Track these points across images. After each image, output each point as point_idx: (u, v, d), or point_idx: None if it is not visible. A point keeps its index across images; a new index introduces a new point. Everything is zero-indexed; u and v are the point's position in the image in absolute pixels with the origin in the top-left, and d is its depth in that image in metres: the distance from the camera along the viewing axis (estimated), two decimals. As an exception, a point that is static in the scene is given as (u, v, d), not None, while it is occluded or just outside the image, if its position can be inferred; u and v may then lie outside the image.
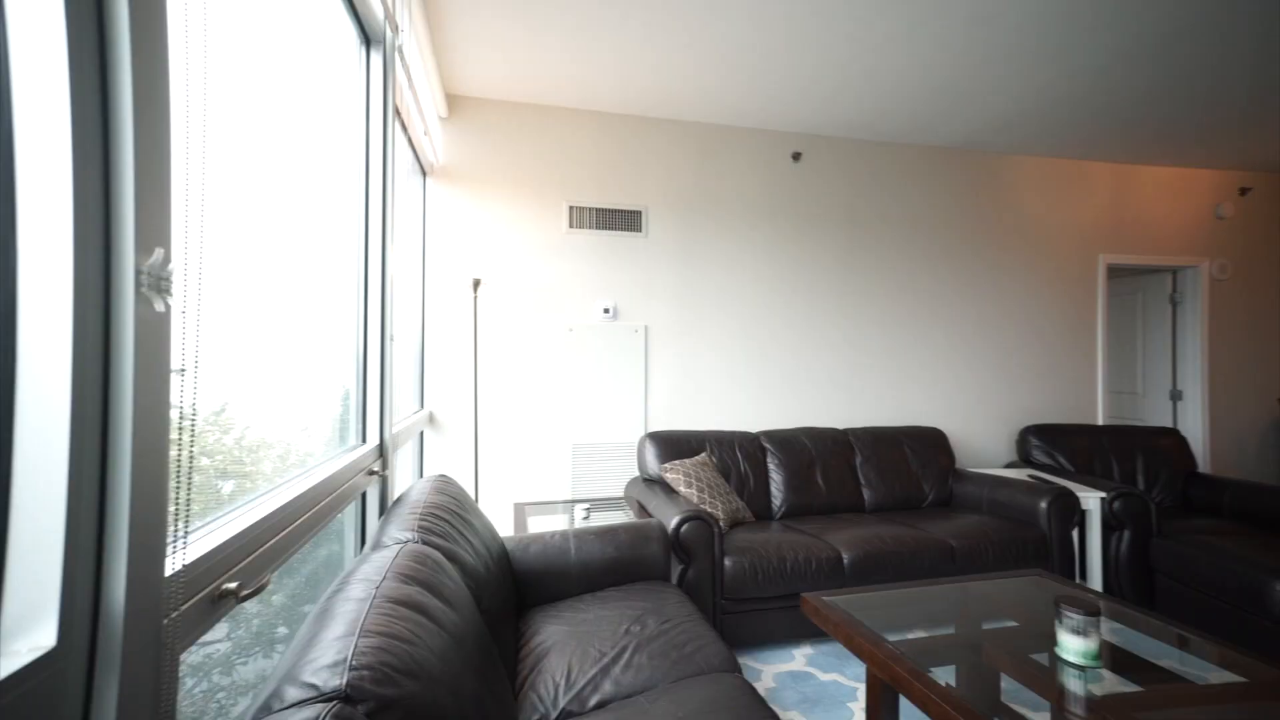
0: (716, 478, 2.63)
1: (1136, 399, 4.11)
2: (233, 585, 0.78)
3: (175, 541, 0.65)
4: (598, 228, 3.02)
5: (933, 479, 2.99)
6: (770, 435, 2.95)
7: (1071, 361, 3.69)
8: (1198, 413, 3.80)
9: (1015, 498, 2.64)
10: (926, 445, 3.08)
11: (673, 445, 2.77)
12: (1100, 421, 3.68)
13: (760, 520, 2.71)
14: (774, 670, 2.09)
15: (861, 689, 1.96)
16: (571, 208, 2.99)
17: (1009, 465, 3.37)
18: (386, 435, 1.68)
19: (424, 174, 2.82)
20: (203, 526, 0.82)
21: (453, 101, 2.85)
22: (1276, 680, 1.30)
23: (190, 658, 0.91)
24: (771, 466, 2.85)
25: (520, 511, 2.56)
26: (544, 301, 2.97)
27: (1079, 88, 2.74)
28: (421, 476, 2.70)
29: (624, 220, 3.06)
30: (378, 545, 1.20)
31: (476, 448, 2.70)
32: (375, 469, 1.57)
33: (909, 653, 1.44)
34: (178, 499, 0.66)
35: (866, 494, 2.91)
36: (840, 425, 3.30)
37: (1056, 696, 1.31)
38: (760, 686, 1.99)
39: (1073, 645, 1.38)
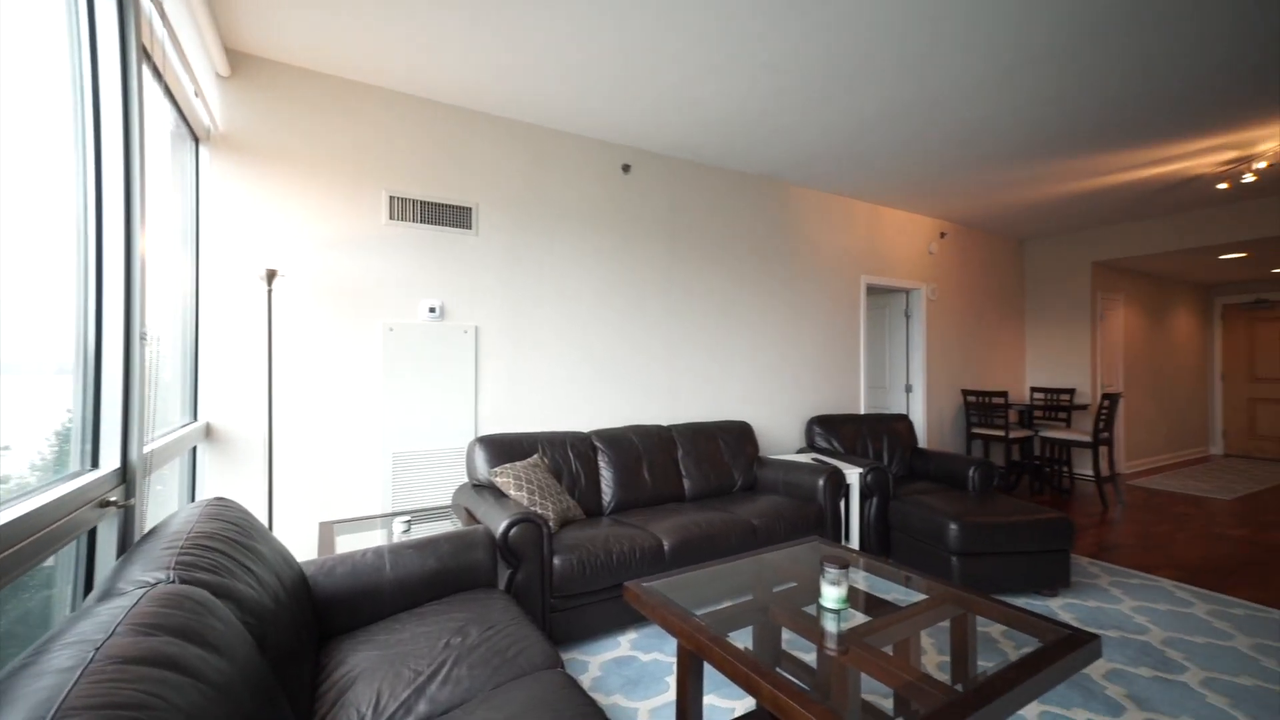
0: (548, 479, 2.66)
1: (885, 391, 5.21)
2: None
3: None
4: (423, 222, 2.84)
5: (741, 467, 3.42)
6: (601, 434, 3.07)
7: (843, 362, 4.52)
8: (920, 401, 4.97)
9: (802, 478, 3.16)
10: (737, 437, 3.51)
11: (504, 448, 2.73)
12: (862, 411, 4.58)
13: (591, 517, 2.82)
14: (600, 659, 2.20)
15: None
16: (393, 198, 2.75)
17: (800, 450, 4.00)
18: (134, 456, 1.37)
19: (196, 141, 2.35)
20: None
21: (238, 59, 2.42)
22: (946, 593, 1.78)
23: None
24: (602, 464, 2.98)
25: (327, 531, 2.28)
26: (359, 298, 2.69)
27: (849, 137, 3.39)
28: (193, 501, 2.24)
29: (453, 216, 2.91)
30: (109, 594, 0.98)
31: (271, 463, 2.34)
32: (114, 499, 1.27)
33: (712, 623, 1.64)
34: None
35: (687, 484, 3.21)
36: (665, 422, 3.58)
37: (818, 638, 1.61)
38: (587, 677, 2.07)
39: (830, 594, 1.71)
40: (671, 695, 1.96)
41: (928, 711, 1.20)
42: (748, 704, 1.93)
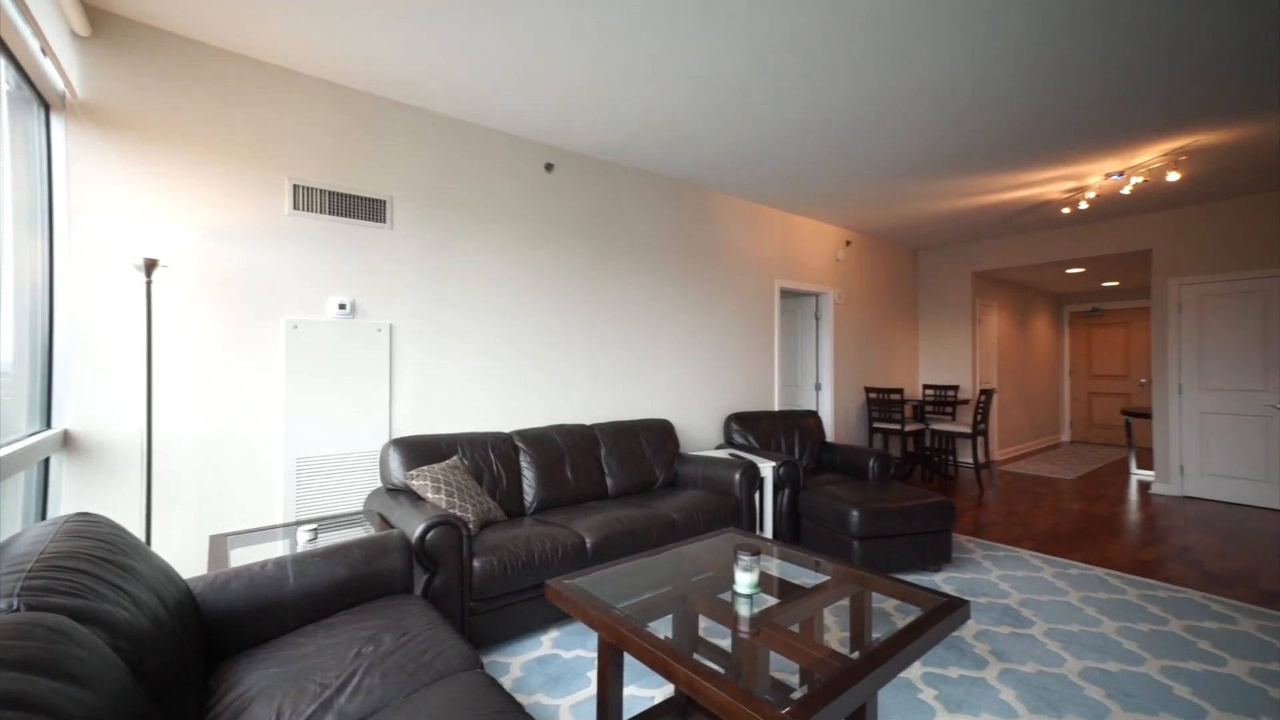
0: (468, 480, 2.60)
1: (797, 390, 5.56)
2: None
3: None
4: (333, 213, 2.66)
5: (663, 464, 3.52)
6: (523, 434, 3.04)
7: (759, 362, 4.77)
8: (829, 398, 5.36)
9: (720, 473, 3.30)
10: (658, 435, 3.60)
11: (421, 451, 2.63)
12: (776, 408, 4.86)
13: (513, 518, 2.78)
14: (522, 659, 2.19)
15: (600, 656, 2.20)
16: (297, 186, 2.56)
17: (719, 446, 4.17)
18: (-30, 470, 1.18)
19: (46, 107, 2.05)
20: None
21: (101, 18, 2.15)
22: (847, 574, 1.95)
23: None
24: (524, 464, 2.95)
25: (219, 545, 2.08)
26: (258, 292, 2.47)
27: (762, 150, 3.59)
28: (45, 519, 1.96)
29: (366, 208, 2.76)
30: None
31: (150, 474, 2.09)
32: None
33: (633, 614, 1.69)
34: None
35: (610, 482, 3.25)
36: (588, 421, 3.60)
37: (732, 622, 1.71)
38: (508, 678, 2.05)
39: (743, 580, 1.81)
40: (593, 690, 1.99)
41: (825, 680, 1.32)
42: (667, 691, 2.01)
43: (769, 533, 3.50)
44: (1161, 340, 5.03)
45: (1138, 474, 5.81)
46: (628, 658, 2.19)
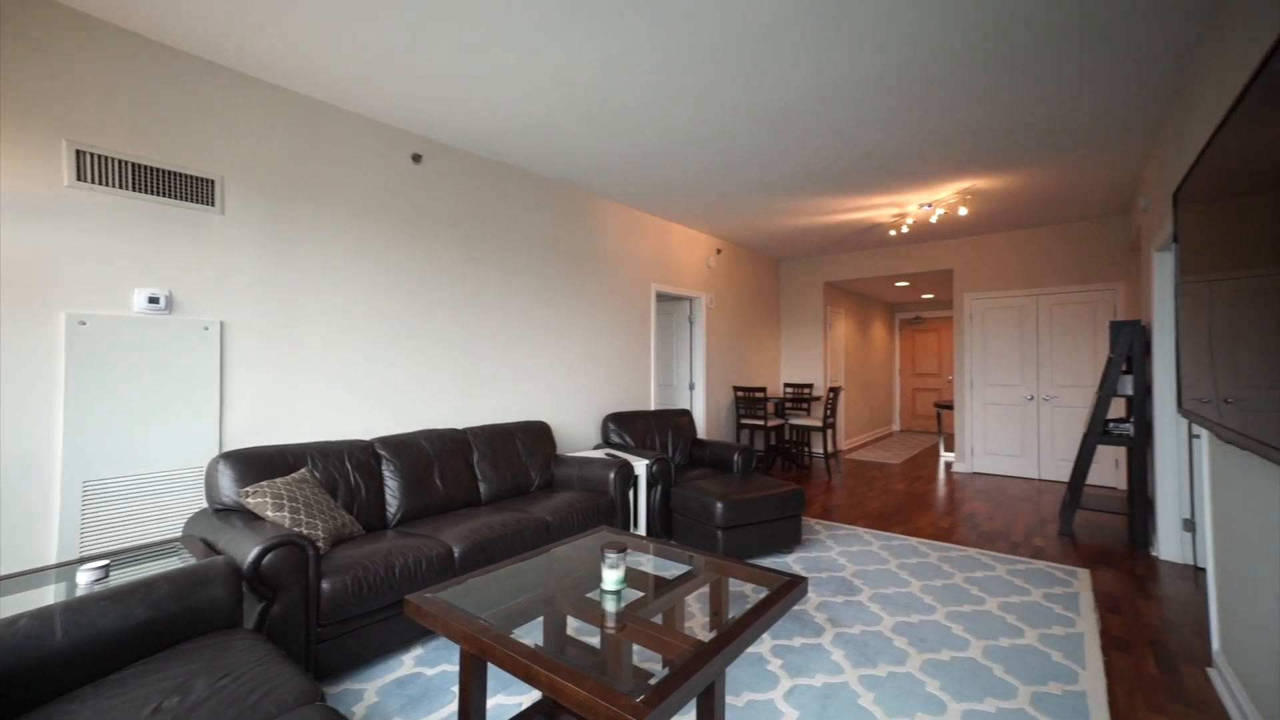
0: (319, 494, 2.36)
1: (672, 389, 5.84)
2: None
3: None
4: (139, 190, 2.25)
5: (539, 466, 3.49)
6: (386, 441, 2.83)
7: (636, 363, 4.93)
8: (701, 397, 5.70)
9: (595, 473, 3.36)
10: (535, 437, 3.56)
11: (260, 465, 2.33)
12: (652, 407, 5.05)
13: (373, 531, 2.58)
14: (379, 684, 2.04)
15: (467, 669, 2.13)
16: (82, 153, 2.12)
17: (597, 446, 4.23)
18: None
19: None
20: None
21: None
22: (709, 563, 2.11)
23: None
24: (387, 473, 2.75)
25: (-40, 599, 1.66)
26: (21, 281, 2.01)
27: (633, 158, 3.71)
28: None
29: (188, 188, 2.38)
30: None
31: None
32: None
33: (499, 622, 1.67)
34: None
35: (483, 487, 3.15)
36: (460, 425, 3.46)
37: (599, 619, 1.76)
38: (361, 705, 1.91)
39: (610, 577, 1.87)
40: (456, 706, 1.92)
41: (682, 663, 1.43)
42: (535, 696, 2.01)
43: (643, 529, 3.64)
44: (960, 344, 6.11)
45: (945, 456, 6.98)
46: (494, 667, 2.15)
